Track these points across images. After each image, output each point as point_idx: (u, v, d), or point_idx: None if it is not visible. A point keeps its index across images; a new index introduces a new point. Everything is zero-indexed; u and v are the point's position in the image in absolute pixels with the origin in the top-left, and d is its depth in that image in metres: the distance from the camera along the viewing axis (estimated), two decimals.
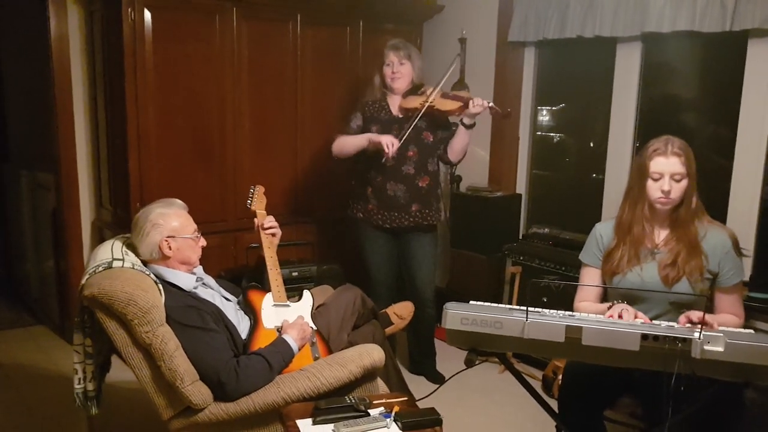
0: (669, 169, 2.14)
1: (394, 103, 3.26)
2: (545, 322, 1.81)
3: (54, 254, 3.85)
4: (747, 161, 2.99)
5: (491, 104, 3.05)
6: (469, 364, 1.94)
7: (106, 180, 3.64)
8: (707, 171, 2.39)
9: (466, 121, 3.12)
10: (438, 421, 1.99)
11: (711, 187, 2.64)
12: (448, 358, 3.55)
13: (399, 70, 3.20)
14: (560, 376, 3.13)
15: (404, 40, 3.33)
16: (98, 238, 3.71)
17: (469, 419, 3.04)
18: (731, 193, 3.04)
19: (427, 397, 2.64)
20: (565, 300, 2.44)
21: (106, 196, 3.66)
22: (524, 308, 1.85)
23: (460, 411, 3.10)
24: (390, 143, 3.02)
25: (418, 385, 3.24)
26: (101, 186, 3.70)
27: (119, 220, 3.50)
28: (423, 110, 3.10)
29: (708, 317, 1.94)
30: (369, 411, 2.02)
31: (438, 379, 3.39)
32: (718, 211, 2.92)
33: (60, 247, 3.75)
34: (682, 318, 2.00)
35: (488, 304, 1.95)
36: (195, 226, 2.36)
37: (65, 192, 3.62)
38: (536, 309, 1.88)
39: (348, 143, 3.22)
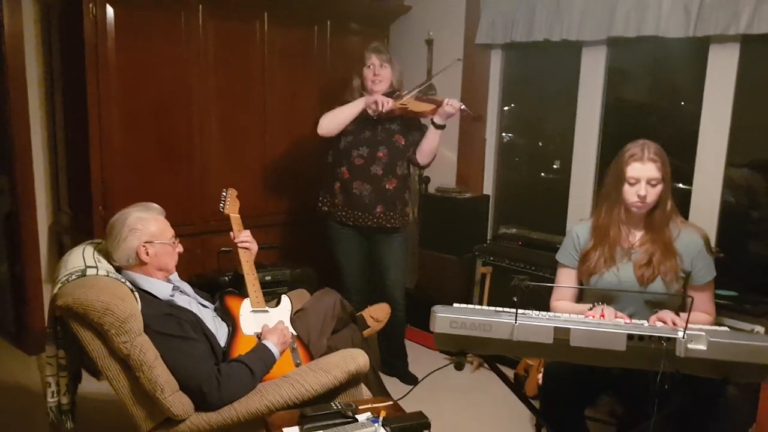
0: (645, 175, 2.19)
1: None
2: (534, 324, 1.83)
3: (8, 259, 3.69)
4: (708, 164, 3.08)
5: (464, 107, 3.08)
6: (459, 367, 1.95)
7: (65, 183, 3.51)
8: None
9: (437, 120, 3.13)
10: (426, 425, 1.99)
11: (673, 189, 2.70)
12: (419, 359, 3.56)
13: (380, 73, 3.19)
14: (531, 374, 3.19)
15: (384, 44, 3.33)
16: (56, 243, 3.58)
17: (446, 419, 3.05)
18: (693, 196, 3.14)
19: (401, 398, 2.65)
20: (534, 299, 2.45)
21: (65, 200, 3.53)
22: (513, 311, 1.87)
23: (435, 411, 3.05)
24: (384, 102, 3.04)
25: (392, 386, 3.22)
26: (59, 189, 3.57)
27: (80, 224, 3.38)
28: (394, 107, 3.10)
29: (678, 318, 2.00)
30: (356, 417, 2.00)
31: (411, 380, 3.40)
32: (680, 213, 3.00)
33: (15, 252, 3.60)
34: (653, 317, 2.06)
35: (475, 306, 1.96)
36: (172, 231, 2.30)
37: (21, 195, 3.47)
38: (524, 311, 1.90)
39: (341, 113, 3.14)
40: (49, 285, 3.56)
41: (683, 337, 1.77)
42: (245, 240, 2.58)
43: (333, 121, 3.15)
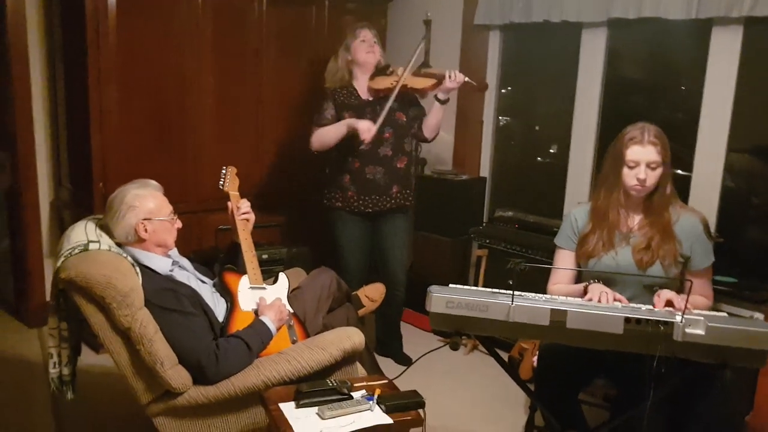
0: (645, 158, 2.18)
1: (362, 87, 3.24)
2: (531, 305, 1.84)
3: (10, 235, 3.70)
4: (709, 147, 3.07)
5: (467, 79, 3.07)
6: (455, 347, 1.96)
7: (66, 158, 3.51)
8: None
9: (441, 96, 3.13)
10: (421, 404, 2.01)
11: (672, 174, 2.71)
12: (413, 341, 3.58)
13: (374, 47, 3.21)
14: (526, 358, 3.21)
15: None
16: (57, 218, 3.60)
17: (440, 400, 3.07)
18: (693, 180, 3.13)
19: (395, 378, 2.67)
20: (530, 283, 2.47)
21: (66, 175, 3.54)
22: (509, 292, 1.88)
23: (429, 392, 3.07)
24: (367, 129, 3.02)
25: (385, 366, 3.25)
26: (60, 164, 3.57)
27: (80, 199, 3.39)
28: (397, 90, 3.09)
29: (678, 300, 2.01)
30: (351, 394, 2.02)
31: (405, 360, 3.42)
32: (680, 197, 3.00)
33: (17, 227, 3.61)
34: (656, 297, 2.04)
35: (471, 287, 1.97)
36: (171, 207, 2.31)
37: (22, 170, 3.48)
38: (521, 293, 1.91)
39: (328, 134, 3.16)
40: (49, 259, 3.58)
41: (681, 322, 1.77)
42: (247, 211, 2.58)
43: (323, 142, 3.17)
